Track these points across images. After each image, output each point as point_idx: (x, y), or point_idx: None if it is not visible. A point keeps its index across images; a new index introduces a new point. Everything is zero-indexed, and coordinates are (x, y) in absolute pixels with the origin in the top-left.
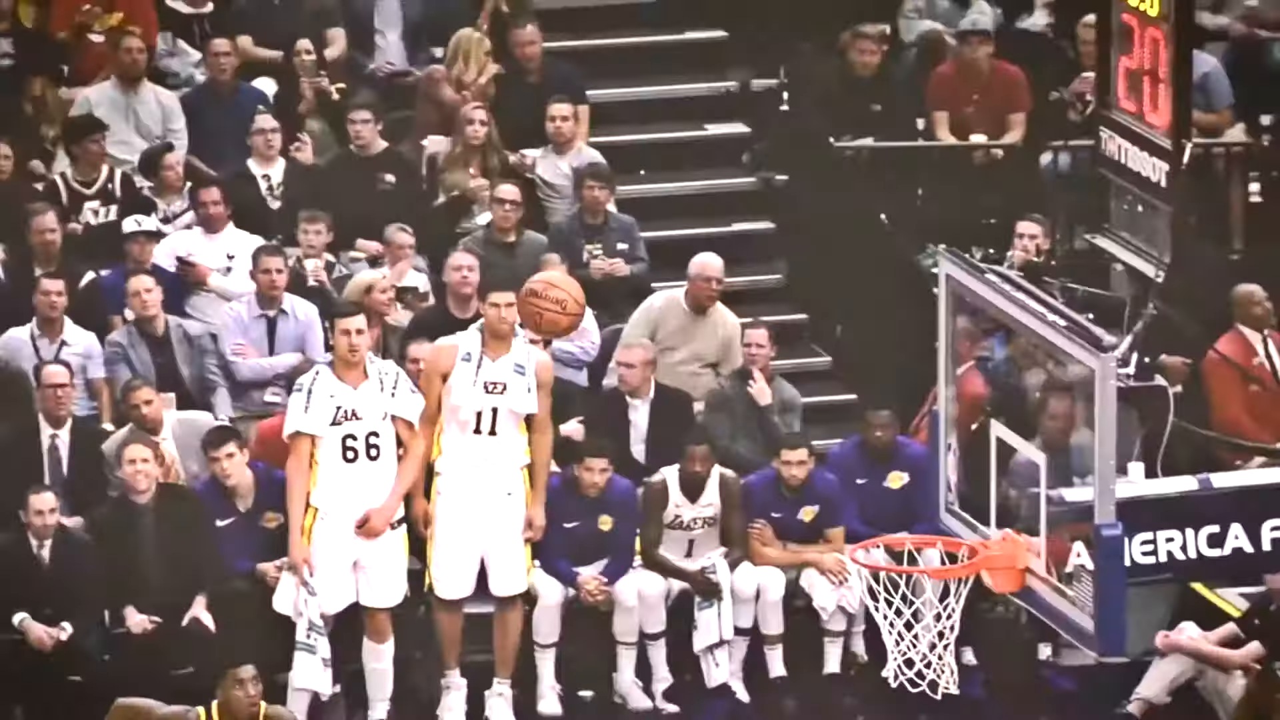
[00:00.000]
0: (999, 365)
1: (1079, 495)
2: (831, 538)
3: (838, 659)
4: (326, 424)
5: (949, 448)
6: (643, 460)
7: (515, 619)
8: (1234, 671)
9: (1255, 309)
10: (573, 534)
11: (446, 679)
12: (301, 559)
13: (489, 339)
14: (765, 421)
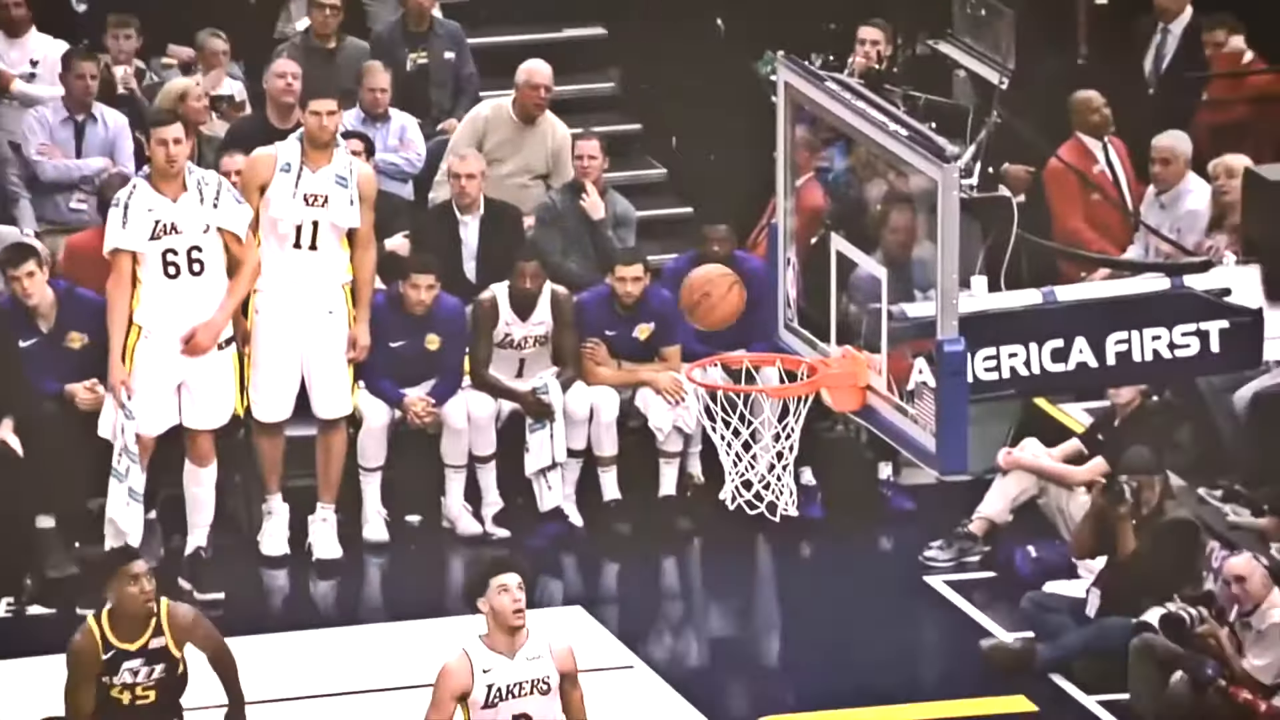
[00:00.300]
0: (839, 176)
1: (921, 310)
2: (667, 356)
3: (673, 481)
4: (145, 239)
5: (788, 262)
6: (473, 279)
7: (339, 442)
8: (1077, 488)
9: (1093, 116)
10: (398, 354)
11: (267, 504)
12: (119, 380)
13: (309, 149)
14: (598, 236)
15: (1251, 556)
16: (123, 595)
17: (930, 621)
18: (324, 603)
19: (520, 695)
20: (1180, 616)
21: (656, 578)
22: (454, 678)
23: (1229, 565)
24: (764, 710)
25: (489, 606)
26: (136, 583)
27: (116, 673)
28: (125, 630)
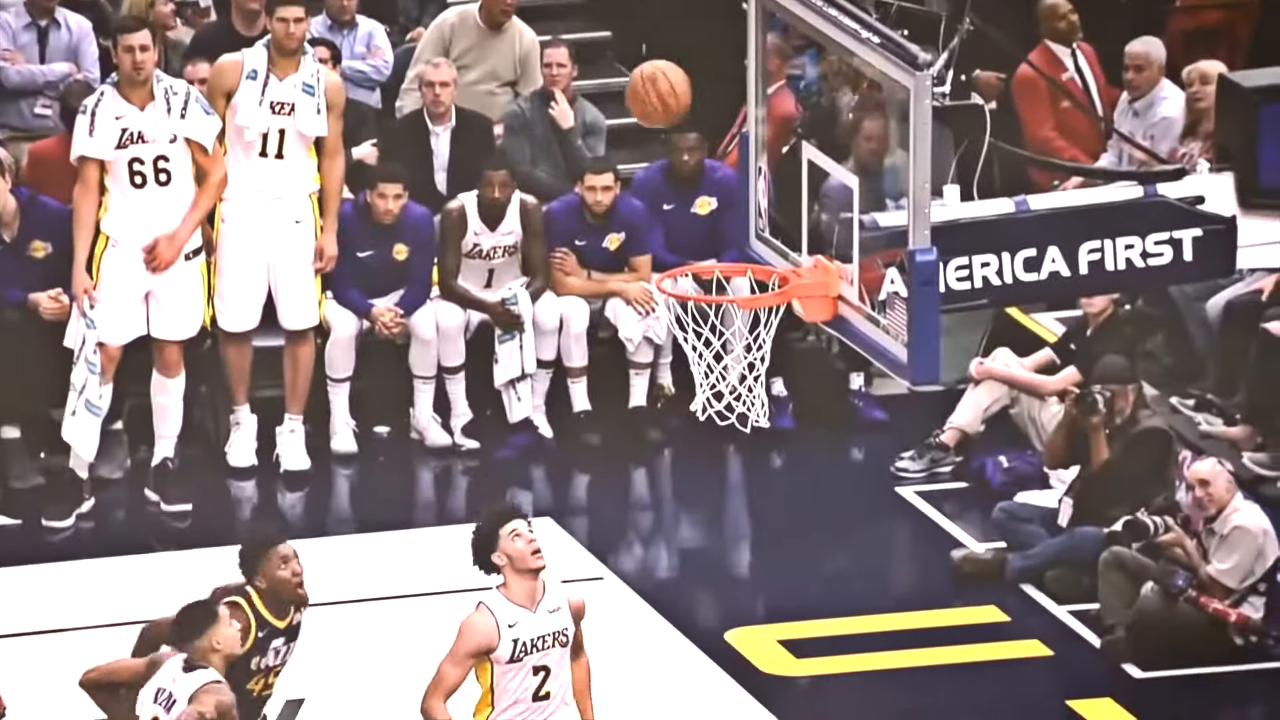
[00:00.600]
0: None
1: (893, 220)
2: (637, 266)
3: (644, 392)
4: (112, 147)
5: (759, 171)
6: (444, 190)
7: (306, 352)
8: (1049, 398)
9: (1060, 23)
10: (366, 263)
11: (235, 415)
12: (82, 289)
13: (276, 56)
14: (567, 145)
15: (1216, 461)
16: (276, 580)
17: (901, 532)
18: (292, 514)
19: (543, 649)
20: (1144, 523)
21: (626, 489)
22: (479, 634)
23: (1193, 470)
24: (734, 621)
25: (505, 557)
26: (288, 565)
27: (264, 653)
28: (276, 609)
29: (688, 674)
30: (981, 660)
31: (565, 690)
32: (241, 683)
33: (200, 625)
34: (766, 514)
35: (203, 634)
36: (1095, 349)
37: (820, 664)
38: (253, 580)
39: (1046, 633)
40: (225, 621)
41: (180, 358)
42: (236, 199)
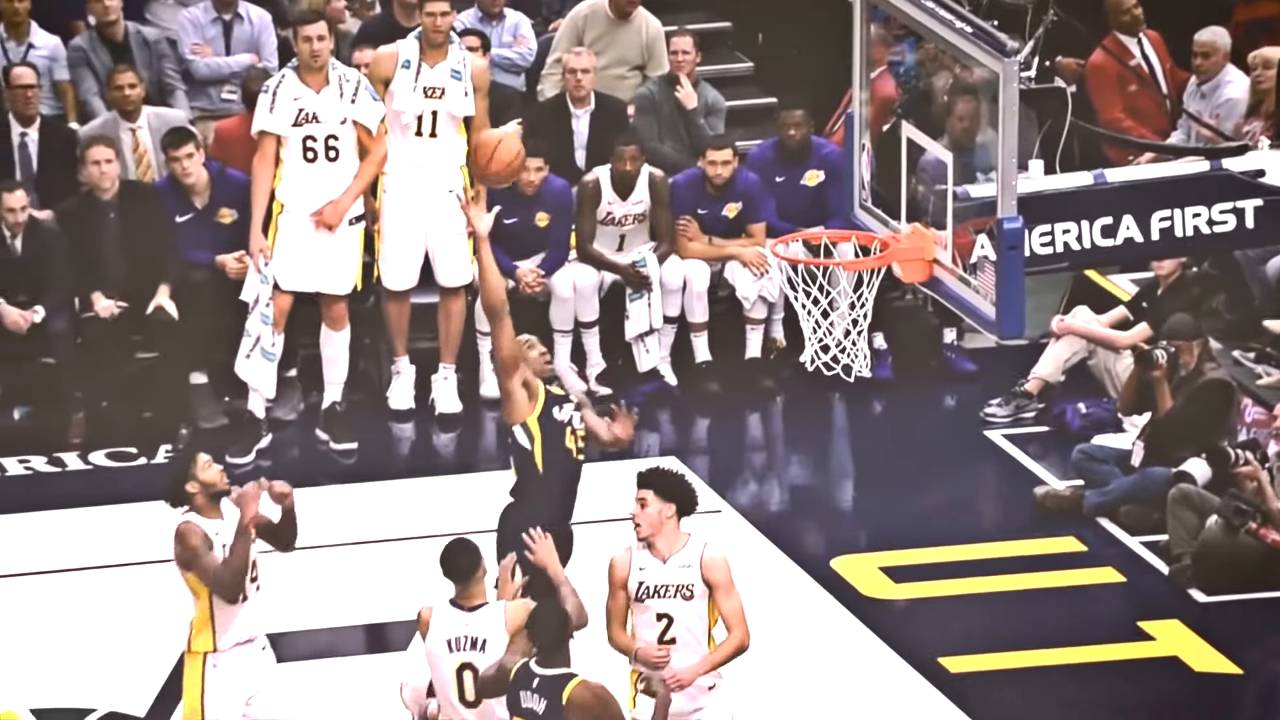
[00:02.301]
0: (909, 69)
1: (983, 191)
2: (753, 232)
3: (758, 344)
4: (289, 125)
5: (863, 148)
6: (582, 166)
7: (459, 308)
8: (1123, 351)
9: (1125, 16)
10: (511, 229)
11: (396, 364)
12: (258, 249)
13: (426, 46)
14: (691, 124)
15: None
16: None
17: (989, 471)
18: (445, 452)
19: (665, 596)
20: (1226, 452)
21: (742, 431)
22: (618, 567)
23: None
24: (839, 550)
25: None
26: (533, 347)
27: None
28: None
29: (797, 597)
30: (1061, 585)
31: (693, 641)
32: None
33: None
34: (868, 455)
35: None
36: (1165, 307)
37: (916, 588)
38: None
39: (1120, 561)
40: (202, 465)
41: (345, 313)
42: (396, 173)
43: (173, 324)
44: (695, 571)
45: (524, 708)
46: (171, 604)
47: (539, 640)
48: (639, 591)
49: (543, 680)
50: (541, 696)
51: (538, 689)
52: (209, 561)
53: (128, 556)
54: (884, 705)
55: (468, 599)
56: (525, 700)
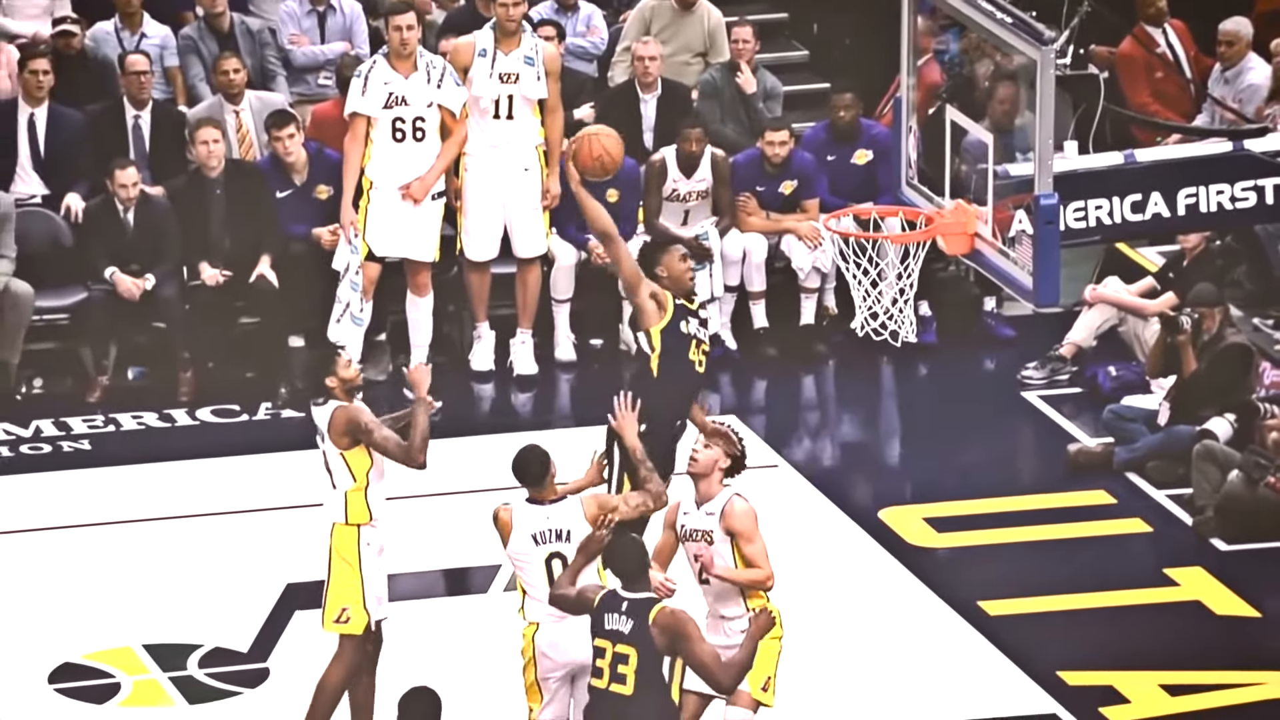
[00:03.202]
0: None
1: (1021, 170)
2: (807, 208)
3: (812, 312)
4: (379, 107)
5: (909, 129)
6: (650, 148)
7: (535, 277)
8: (1151, 318)
9: (1150, 9)
10: None
11: (477, 329)
12: (349, 221)
13: (500, 35)
14: (750, 107)
15: None
16: (674, 270)
17: (1026, 429)
18: (523, 411)
19: (694, 540)
20: (1256, 406)
21: (797, 392)
22: (669, 509)
23: None
24: (886, 502)
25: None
26: (685, 261)
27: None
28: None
29: (847, 545)
30: (1092, 535)
31: (718, 584)
32: (683, 352)
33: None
34: (913, 414)
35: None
36: (1190, 277)
37: (958, 538)
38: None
39: (1147, 513)
40: (343, 364)
41: (429, 280)
42: (476, 153)
43: (273, 291)
44: (716, 519)
45: (609, 629)
46: (270, 548)
47: (618, 571)
48: (681, 533)
49: (631, 604)
50: (629, 618)
51: (626, 611)
52: (386, 434)
53: (231, 505)
54: (928, 645)
55: (543, 496)
56: (610, 623)
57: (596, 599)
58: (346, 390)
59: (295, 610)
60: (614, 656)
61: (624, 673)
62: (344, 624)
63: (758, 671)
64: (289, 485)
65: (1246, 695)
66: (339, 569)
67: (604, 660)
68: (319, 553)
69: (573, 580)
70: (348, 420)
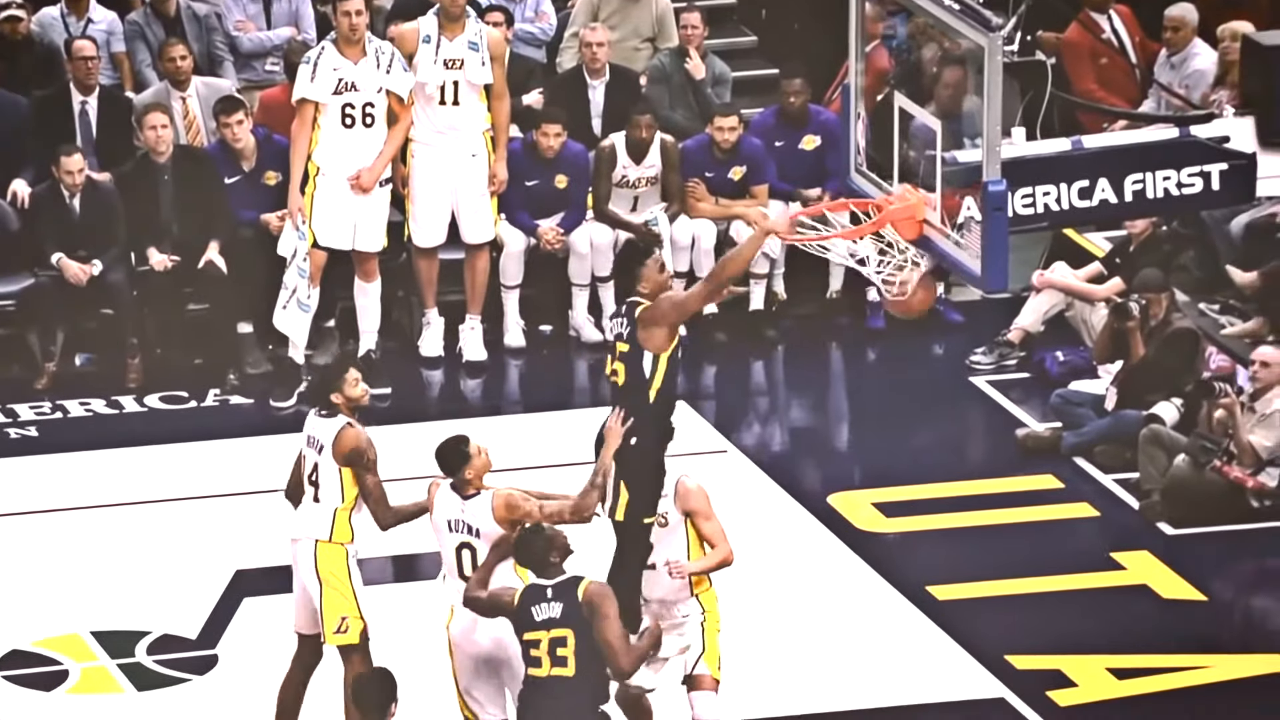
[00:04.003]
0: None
1: (970, 156)
2: (756, 194)
3: (761, 298)
4: (329, 93)
5: (858, 116)
6: (598, 134)
7: (483, 263)
8: (1098, 303)
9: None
10: (533, 191)
11: (426, 315)
12: (297, 208)
13: (445, 21)
14: (699, 93)
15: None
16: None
17: (974, 414)
18: (472, 397)
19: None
20: (1212, 385)
21: (746, 378)
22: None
23: (1259, 351)
24: (835, 486)
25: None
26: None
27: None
28: None
29: (796, 530)
30: (1040, 520)
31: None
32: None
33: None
34: (862, 399)
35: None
36: (1136, 263)
37: (906, 522)
38: None
39: (1094, 497)
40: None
41: (376, 266)
42: (423, 139)
43: (222, 277)
44: (669, 501)
45: (539, 621)
46: (219, 534)
47: (527, 564)
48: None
49: (555, 588)
50: (557, 602)
51: (553, 597)
52: (379, 482)
53: (179, 492)
54: (876, 630)
55: (462, 487)
56: (540, 614)
57: (515, 599)
58: (351, 409)
59: (244, 597)
60: (551, 643)
61: (564, 655)
62: (344, 634)
63: (711, 653)
64: (238, 471)
65: (1193, 678)
66: (331, 588)
67: (540, 650)
68: (268, 539)
69: (483, 582)
70: (355, 446)
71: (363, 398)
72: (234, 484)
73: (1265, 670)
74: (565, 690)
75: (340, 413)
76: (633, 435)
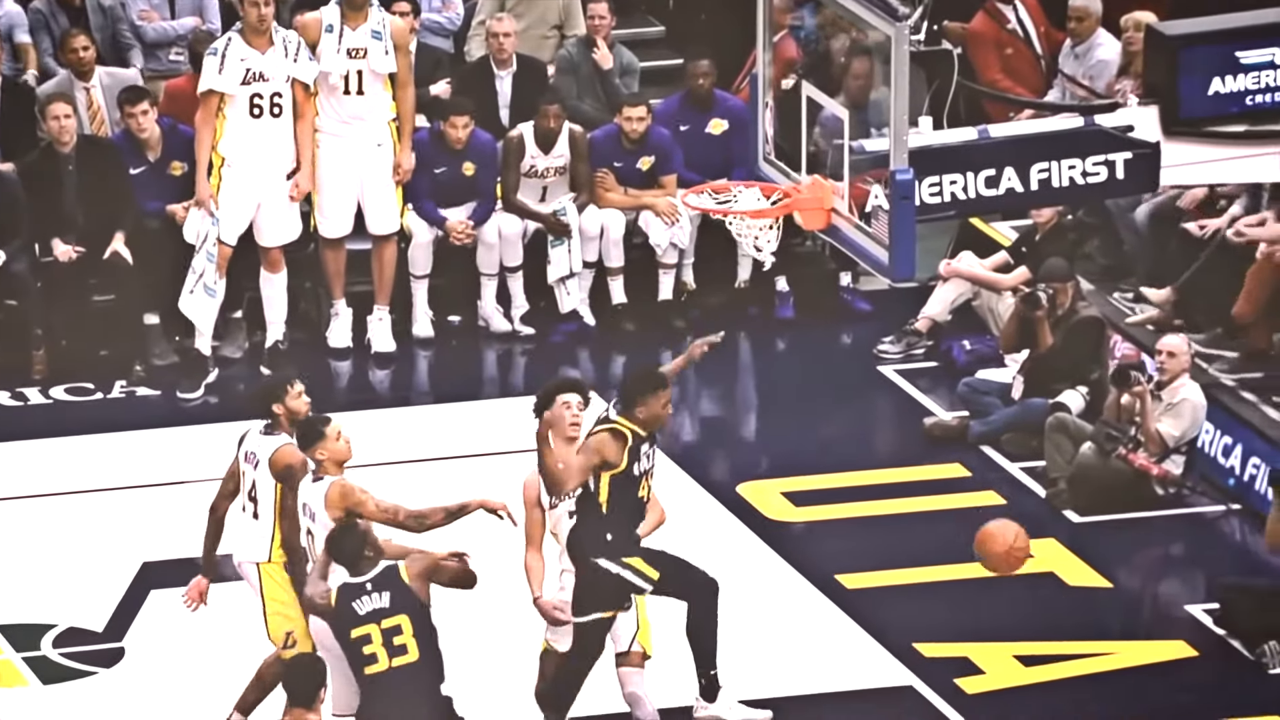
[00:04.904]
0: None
1: (877, 145)
2: (665, 184)
3: (670, 287)
4: (237, 83)
5: (766, 105)
6: (506, 124)
7: (390, 254)
8: (1005, 292)
9: None
10: (440, 180)
11: (334, 306)
12: (207, 195)
13: (347, 10)
14: (607, 83)
15: (1185, 339)
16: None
17: (882, 403)
18: (381, 388)
19: (575, 496)
20: (1127, 373)
21: (655, 367)
22: (530, 487)
23: (1164, 341)
24: (744, 476)
25: (550, 417)
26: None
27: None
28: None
29: (706, 520)
30: (947, 508)
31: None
32: (633, 490)
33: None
34: (771, 388)
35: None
36: (1042, 252)
37: (815, 511)
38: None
39: (1001, 485)
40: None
41: (281, 257)
42: (328, 130)
43: (127, 268)
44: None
45: (366, 614)
46: (126, 527)
47: (340, 561)
48: (550, 502)
49: (375, 580)
50: (383, 591)
51: (375, 588)
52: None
53: (86, 484)
54: (786, 619)
55: (315, 473)
56: (365, 606)
57: (331, 598)
58: (291, 420)
59: (151, 589)
60: (384, 634)
61: (402, 643)
62: (293, 648)
63: (645, 629)
64: (144, 463)
65: (1098, 665)
66: (274, 611)
67: (374, 645)
68: (176, 531)
69: (322, 575)
70: (289, 464)
71: (304, 410)
72: (141, 476)
73: (1169, 656)
74: (410, 677)
75: (280, 427)
76: (607, 532)
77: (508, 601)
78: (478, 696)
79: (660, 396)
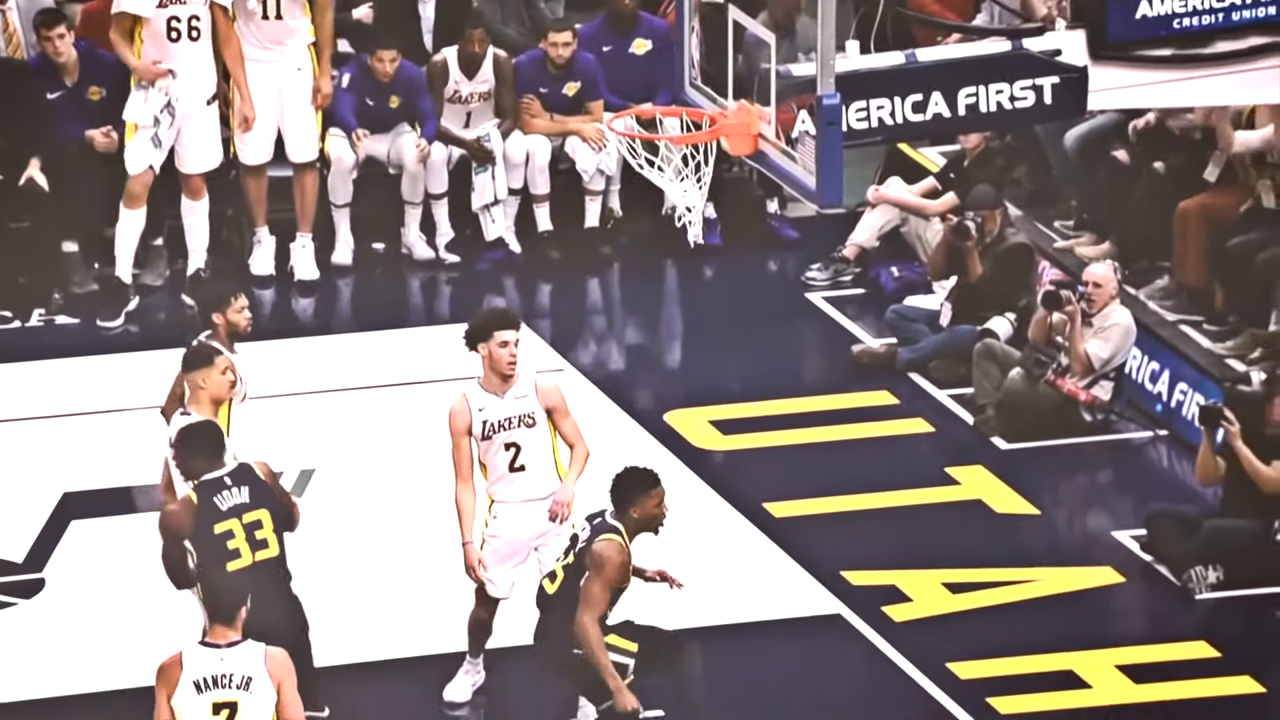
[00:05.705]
0: None
1: (804, 70)
2: (591, 110)
3: (597, 214)
4: (153, 6)
5: (692, 29)
6: (430, 49)
7: (312, 181)
8: (933, 219)
9: None
10: (370, 110)
11: (256, 234)
12: (149, 67)
13: None
14: (533, 7)
15: (1111, 265)
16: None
17: (810, 330)
18: (304, 316)
19: (509, 428)
20: (1058, 294)
21: (582, 296)
22: (457, 416)
23: (1090, 271)
24: (671, 404)
25: (488, 352)
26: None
27: (496, 431)
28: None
29: (633, 448)
30: (875, 436)
31: (541, 465)
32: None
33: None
34: (698, 316)
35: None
36: (970, 177)
37: (743, 440)
38: None
39: (929, 413)
40: (236, 307)
41: (203, 184)
42: (248, 55)
43: (44, 195)
44: (532, 400)
45: (227, 509)
46: (46, 456)
47: (197, 454)
48: (485, 430)
49: (232, 475)
50: (241, 485)
51: (234, 484)
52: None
53: (4, 413)
54: (713, 548)
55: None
56: (226, 501)
57: (193, 503)
58: (229, 333)
59: (72, 519)
60: (246, 527)
61: (264, 537)
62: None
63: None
64: (65, 392)
65: (1026, 591)
66: None
67: (237, 539)
68: (96, 461)
69: (168, 491)
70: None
71: (244, 325)
72: (61, 405)
73: (1097, 583)
74: (270, 573)
75: (218, 338)
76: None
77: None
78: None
79: (654, 496)
